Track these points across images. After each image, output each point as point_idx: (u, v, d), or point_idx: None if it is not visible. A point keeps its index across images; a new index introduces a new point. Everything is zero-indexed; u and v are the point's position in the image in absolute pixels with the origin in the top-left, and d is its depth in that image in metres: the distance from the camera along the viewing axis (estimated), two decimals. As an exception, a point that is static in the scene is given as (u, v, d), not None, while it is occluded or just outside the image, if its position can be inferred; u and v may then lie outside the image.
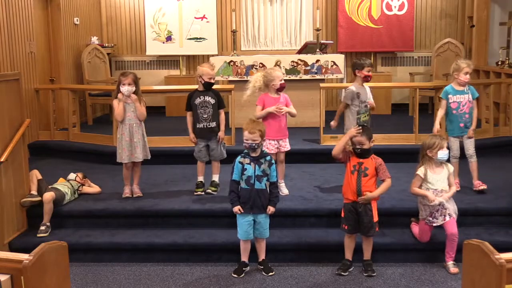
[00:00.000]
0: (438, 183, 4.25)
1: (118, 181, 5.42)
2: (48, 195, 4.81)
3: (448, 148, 4.37)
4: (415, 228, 4.54)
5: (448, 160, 4.42)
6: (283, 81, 5.01)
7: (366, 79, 5.15)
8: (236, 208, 4.12)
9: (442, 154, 4.23)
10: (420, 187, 4.30)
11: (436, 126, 5.13)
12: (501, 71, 7.62)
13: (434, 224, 4.26)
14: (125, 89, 5.01)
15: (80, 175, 5.36)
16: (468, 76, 5.05)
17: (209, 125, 5.13)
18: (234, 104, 6.69)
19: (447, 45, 8.94)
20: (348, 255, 4.29)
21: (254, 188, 4.10)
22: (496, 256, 2.27)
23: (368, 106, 5.15)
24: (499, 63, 7.81)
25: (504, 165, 6.12)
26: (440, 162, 4.28)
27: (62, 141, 7.01)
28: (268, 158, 4.19)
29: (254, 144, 4.09)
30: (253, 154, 4.15)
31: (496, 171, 5.77)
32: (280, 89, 5.02)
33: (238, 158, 4.18)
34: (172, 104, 8.94)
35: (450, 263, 4.27)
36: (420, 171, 4.29)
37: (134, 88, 5.04)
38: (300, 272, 4.32)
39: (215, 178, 5.29)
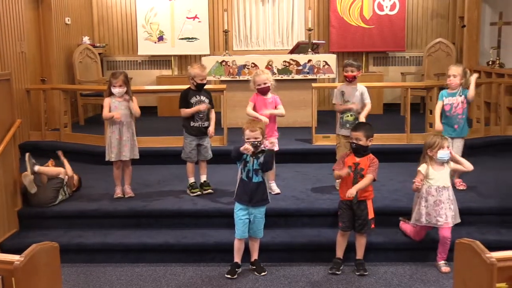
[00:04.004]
0: (440, 180, 4.23)
1: (110, 181, 5.40)
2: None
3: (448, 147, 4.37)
4: (405, 226, 4.55)
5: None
6: (261, 86, 5.06)
7: (345, 78, 5.20)
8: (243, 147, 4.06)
9: (443, 153, 4.23)
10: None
11: (437, 123, 5.19)
12: (491, 71, 7.66)
13: (439, 223, 4.20)
14: (116, 91, 5.04)
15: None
16: (452, 78, 5.17)
17: (203, 124, 5.16)
18: (226, 104, 6.68)
19: (438, 45, 8.98)
20: (339, 253, 4.31)
21: (252, 181, 4.13)
22: (487, 255, 2.29)
23: (354, 107, 5.15)
24: (490, 63, 7.86)
25: (495, 165, 6.16)
26: (441, 162, 4.28)
27: (53, 141, 6.97)
28: (265, 153, 4.20)
29: (256, 142, 4.11)
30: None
31: (487, 171, 5.80)
32: (261, 93, 5.10)
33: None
34: (164, 104, 8.92)
35: (441, 262, 4.29)
36: (422, 167, 4.27)
37: (125, 89, 5.06)
38: (292, 271, 4.32)
39: (205, 178, 5.30)
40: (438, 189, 4.22)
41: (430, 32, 9.54)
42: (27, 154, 5.06)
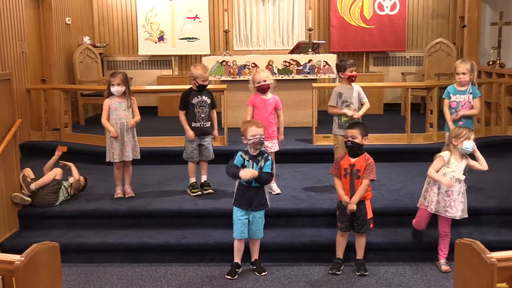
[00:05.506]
0: (456, 171, 4.19)
1: (110, 181, 5.40)
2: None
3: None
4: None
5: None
6: (261, 84, 5.01)
7: (351, 79, 5.15)
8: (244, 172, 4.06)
9: (468, 144, 4.19)
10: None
11: (451, 126, 5.03)
12: (492, 71, 7.66)
13: (448, 214, 4.16)
14: (115, 89, 5.03)
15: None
16: (462, 76, 5.07)
17: (205, 124, 5.16)
18: (226, 104, 6.68)
19: (438, 45, 8.98)
20: (339, 253, 4.31)
21: (252, 186, 4.13)
22: (487, 255, 2.29)
23: (352, 106, 5.12)
24: (490, 63, 7.86)
25: (495, 165, 6.11)
26: (463, 154, 4.23)
27: (54, 141, 6.97)
28: (265, 155, 4.20)
29: (262, 138, 4.11)
30: (254, 153, 4.15)
31: (487, 171, 5.79)
32: (260, 91, 5.06)
33: (240, 153, 4.18)
34: (165, 104, 8.91)
35: (442, 261, 4.29)
36: (445, 154, 4.22)
37: (123, 88, 5.04)
38: (293, 271, 4.32)
39: (206, 178, 5.30)
40: (452, 180, 4.17)
41: (431, 32, 9.54)
42: (21, 176, 4.98)
